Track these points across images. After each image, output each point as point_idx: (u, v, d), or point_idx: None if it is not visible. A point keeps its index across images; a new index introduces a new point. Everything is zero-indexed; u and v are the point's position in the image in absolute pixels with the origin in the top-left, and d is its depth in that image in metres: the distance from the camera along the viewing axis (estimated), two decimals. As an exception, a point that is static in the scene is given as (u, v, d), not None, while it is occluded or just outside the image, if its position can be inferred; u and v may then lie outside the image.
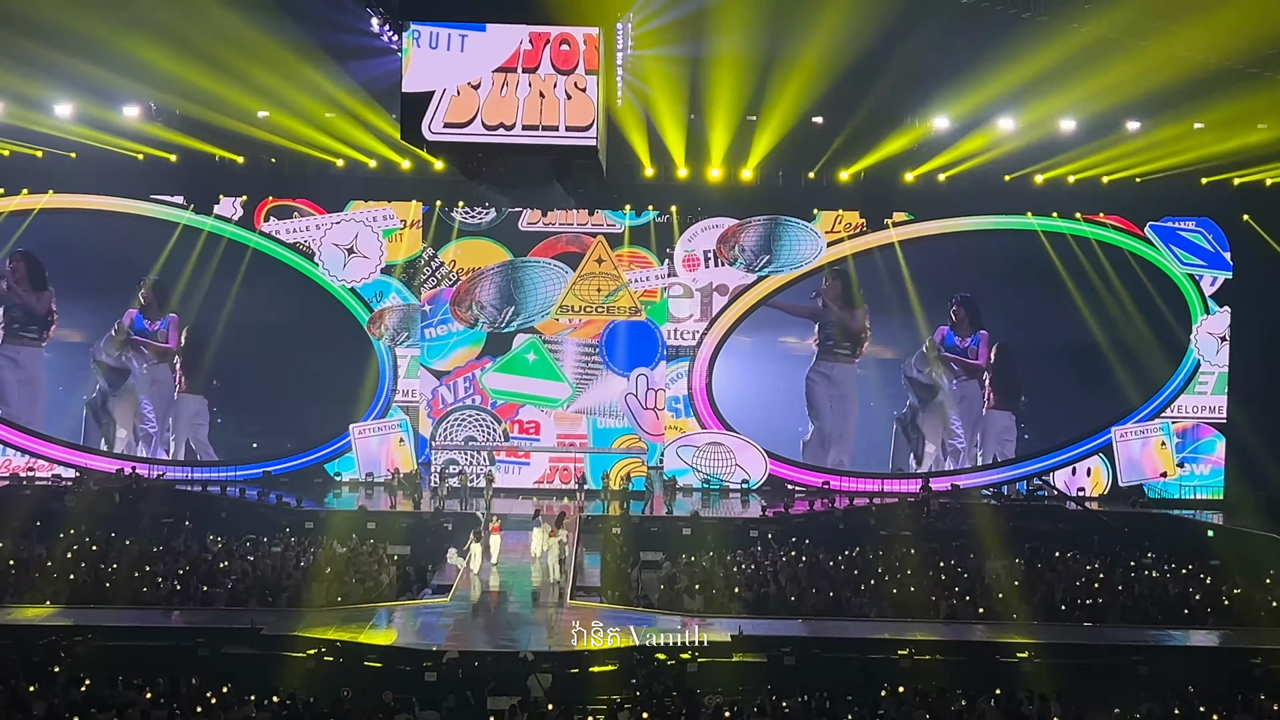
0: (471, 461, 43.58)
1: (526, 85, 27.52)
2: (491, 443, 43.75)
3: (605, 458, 43.88)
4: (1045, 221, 44.13)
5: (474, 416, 44.43)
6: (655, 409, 44.52)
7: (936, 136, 40.32)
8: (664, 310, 44.54)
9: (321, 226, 44.28)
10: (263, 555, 33.51)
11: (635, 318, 44.24)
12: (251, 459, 43.69)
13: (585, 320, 44.29)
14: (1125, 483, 44.34)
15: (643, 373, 44.51)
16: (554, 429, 44.38)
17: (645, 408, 44.52)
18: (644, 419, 44.50)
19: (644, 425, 44.47)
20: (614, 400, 44.44)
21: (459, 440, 44.19)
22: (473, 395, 44.35)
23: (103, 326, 44.25)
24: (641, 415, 44.47)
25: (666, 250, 44.45)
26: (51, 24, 31.93)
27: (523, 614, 29.11)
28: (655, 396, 44.53)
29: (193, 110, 39.46)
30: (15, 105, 38.56)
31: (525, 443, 44.16)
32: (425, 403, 44.42)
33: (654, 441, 44.48)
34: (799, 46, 34.24)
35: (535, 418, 44.38)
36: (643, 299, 44.40)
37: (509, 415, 44.34)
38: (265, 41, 33.65)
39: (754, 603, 29.99)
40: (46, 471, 43.00)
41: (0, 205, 43.58)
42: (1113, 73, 33.19)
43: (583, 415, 44.44)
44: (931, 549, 35.72)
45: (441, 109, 27.53)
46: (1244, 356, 44.29)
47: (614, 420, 44.45)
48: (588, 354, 44.37)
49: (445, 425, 44.28)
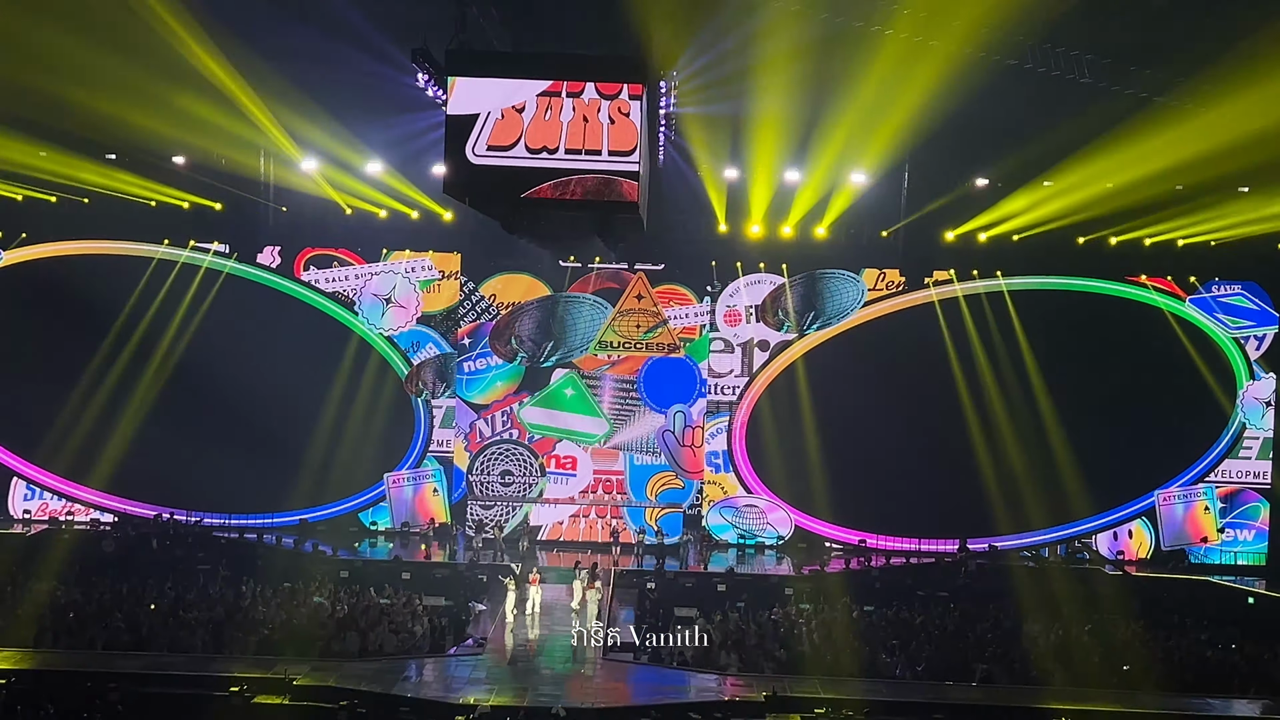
0: (506, 514, 43.63)
1: (571, 109, 27.57)
2: (527, 493, 43.66)
3: (644, 476, 44.26)
4: (1089, 282, 43.88)
5: (511, 450, 44.53)
6: (693, 446, 44.45)
7: (978, 195, 40.36)
8: (704, 347, 44.55)
9: (360, 276, 44.56)
10: (298, 604, 33.53)
11: (674, 354, 44.25)
12: (288, 506, 43.75)
13: (624, 356, 44.34)
14: (1168, 546, 43.87)
15: (680, 409, 44.49)
16: (590, 464, 44.42)
17: (683, 445, 44.48)
18: (681, 456, 44.46)
19: (681, 462, 44.44)
20: (650, 436, 44.48)
21: (496, 474, 44.29)
22: (510, 429, 44.44)
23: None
24: (678, 452, 44.44)
25: (707, 288, 44.49)
26: (100, 76, 32.43)
27: (557, 669, 28.99)
28: (692, 434, 44.50)
29: (237, 160, 40.02)
30: (64, 152, 39.13)
31: (560, 484, 44.29)
32: (463, 436, 44.50)
33: (691, 479, 44.42)
34: (841, 106, 34.38)
35: (572, 453, 44.45)
36: (681, 336, 44.46)
37: (545, 450, 44.39)
38: (310, 95, 34.16)
39: (788, 662, 29.77)
40: (84, 515, 43.16)
41: (43, 250, 43.99)
42: (1159, 138, 33.17)
43: (619, 451, 44.45)
44: (968, 610, 35.42)
45: (485, 132, 27.53)
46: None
47: (650, 457, 44.47)
48: (625, 390, 44.42)
49: (482, 459, 44.38)
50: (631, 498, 43.64)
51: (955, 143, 36.34)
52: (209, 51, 32.70)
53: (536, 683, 27.71)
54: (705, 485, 44.61)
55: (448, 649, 30.91)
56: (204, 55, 32.73)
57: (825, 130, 36.28)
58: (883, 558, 41.57)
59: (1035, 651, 31.21)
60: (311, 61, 32.80)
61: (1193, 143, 33.24)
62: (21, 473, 44.02)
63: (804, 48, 31.13)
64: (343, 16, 31.37)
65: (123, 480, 43.76)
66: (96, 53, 31.11)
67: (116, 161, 40.32)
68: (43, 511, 43.73)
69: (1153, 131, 33.12)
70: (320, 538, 41.48)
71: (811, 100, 34.42)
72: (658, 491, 44.28)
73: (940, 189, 40.56)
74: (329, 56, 32.60)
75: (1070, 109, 33.74)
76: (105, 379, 43.61)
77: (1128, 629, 34.00)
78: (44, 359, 43.35)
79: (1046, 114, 34.27)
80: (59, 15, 29.98)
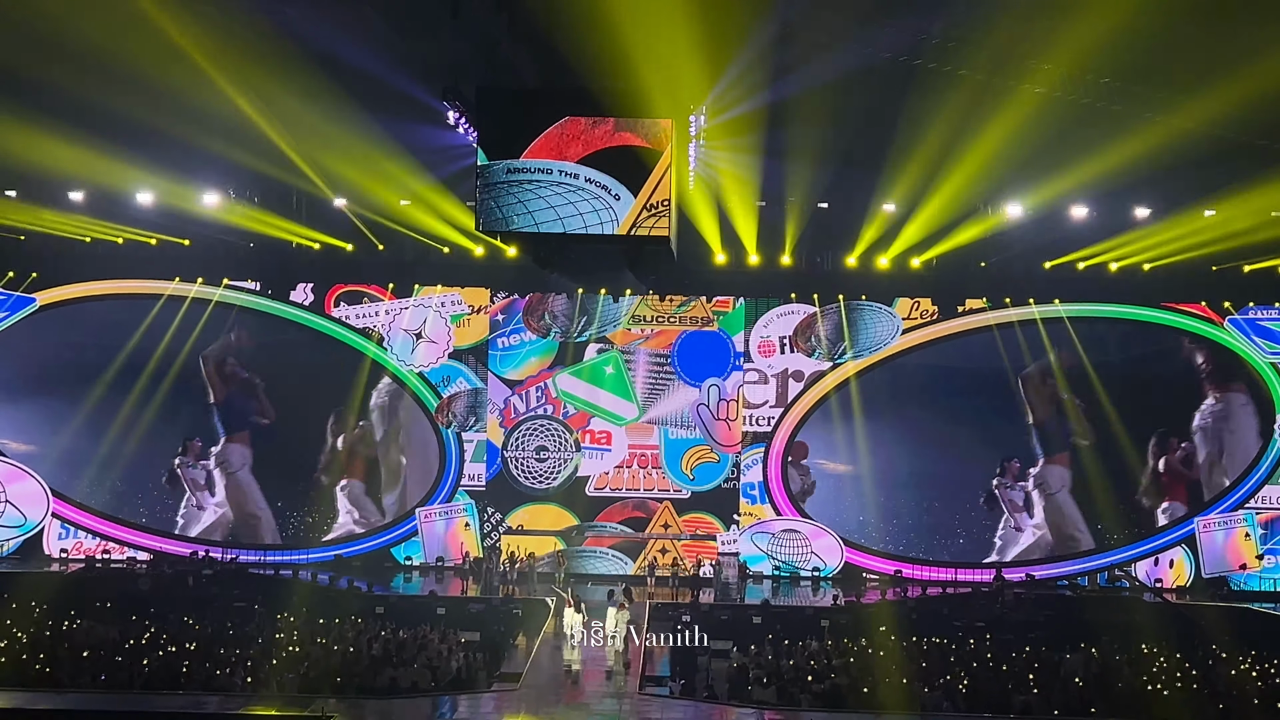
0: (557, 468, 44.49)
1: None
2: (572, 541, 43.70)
3: (678, 450, 44.47)
4: (1123, 308, 43.66)
5: (545, 426, 44.69)
6: (727, 420, 44.42)
7: (1010, 224, 40.32)
8: (739, 319, 44.65)
9: (390, 312, 44.72)
10: (333, 641, 33.51)
11: (708, 328, 44.35)
12: (321, 542, 43.87)
13: (657, 330, 44.46)
14: (1208, 574, 43.45)
15: (714, 383, 44.51)
16: (624, 439, 44.63)
17: (717, 418, 44.45)
18: (716, 429, 44.43)
19: (716, 436, 44.47)
20: (685, 410, 44.62)
21: (531, 449, 44.53)
22: (545, 405, 44.65)
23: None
24: (713, 426, 44.42)
25: (734, 516, 44.55)
26: (135, 121, 32.77)
27: (590, 704, 28.86)
28: (727, 407, 44.49)
29: (270, 199, 40.37)
30: (96, 194, 39.55)
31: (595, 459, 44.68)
32: (497, 412, 44.68)
33: (726, 453, 44.50)
34: (873, 136, 34.39)
35: (606, 428, 44.60)
36: (715, 309, 44.54)
37: (580, 425, 44.60)
38: (342, 133, 34.37)
39: (825, 694, 29.56)
40: (120, 554, 43.30)
41: (77, 290, 44.33)
42: (1191, 165, 33.10)
43: (654, 426, 44.57)
44: (1005, 640, 35.16)
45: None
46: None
47: (685, 431, 44.60)
48: (659, 364, 44.58)
49: (517, 435, 44.55)
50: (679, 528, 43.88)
51: (988, 171, 36.17)
52: (240, 91, 32.92)
53: (572, 718, 27.58)
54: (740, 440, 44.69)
55: (483, 685, 30.85)
56: (236, 95, 32.95)
57: (858, 160, 36.24)
58: (919, 588, 41.32)
59: (1074, 682, 30.94)
60: (342, 100, 32.93)
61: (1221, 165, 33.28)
62: (56, 512, 44.13)
63: (836, 79, 31.17)
64: (373, 56, 31.58)
65: (157, 517, 44.19)
66: (128, 96, 31.42)
67: (151, 203, 40.54)
68: (78, 550, 43.86)
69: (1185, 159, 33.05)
70: (354, 573, 41.47)
71: (843, 131, 34.42)
72: (693, 466, 44.44)
73: (972, 217, 40.38)
74: (360, 95, 32.77)
75: (1099, 136, 33.65)
76: (142, 417, 44.02)
77: (1168, 658, 33.66)
78: (79, 399, 43.65)
79: (1076, 142, 34.15)
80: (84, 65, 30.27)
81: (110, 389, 43.60)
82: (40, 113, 32.42)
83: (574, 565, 43.32)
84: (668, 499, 44.40)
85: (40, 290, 44.25)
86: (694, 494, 44.54)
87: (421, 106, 32.25)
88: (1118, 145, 32.92)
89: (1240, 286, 43.22)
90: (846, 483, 44.39)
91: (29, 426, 44.45)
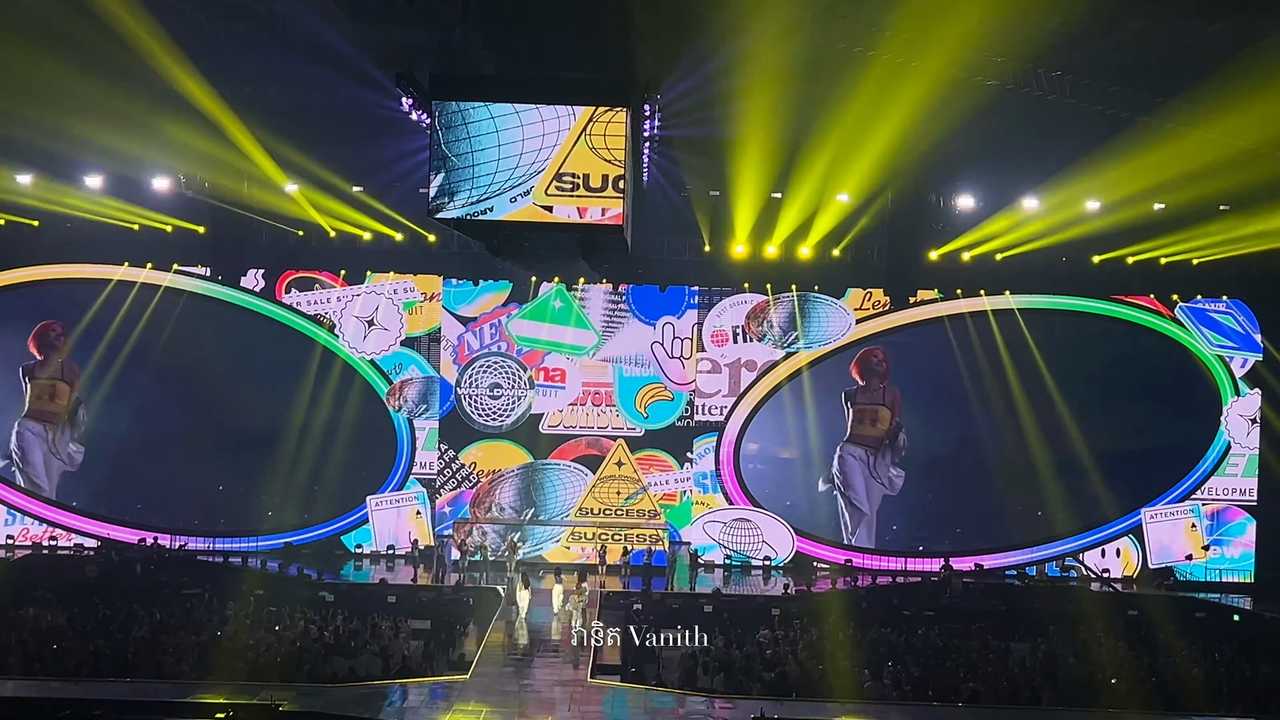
0: (510, 407, 44.52)
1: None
2: (518, 524, 43.50)
3: (632, 388, 44.64)
4: (1073, 300, 44.02)
5: (499, 363, 44.61)
6: (682, 358, 44.63)
7: (961, 215, 40.53)
8: (686, 512, 44.66)
9: (342, 299, 44.51)
10: (283, 629, 33.36)
11: (654, 521, 44.14)
12: (271, 529, 43.64)
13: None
14: (1155, 564, 43.87)
15: (670, 320, 44.69)
16: (579, 377, 44.71)
17: (671, 356, 44.68)
18: (669, 367, 44.68)
19: (670, 374, 44.66)
20: (641, 351, 44.74)
21: (485, 387, 44.51)
22: (499, 342, 44.64)
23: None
24: (667, 364, 44.68)
25: (686, 455, 44.74)
26: (83, 101, 32.42)
27: (541, 692, 28.85)
28: (682, 345, 44.68)
29: (221, 183, 40.00)
30: (46, 176, 39.10)
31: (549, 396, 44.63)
32: (451, 349, 44.61)
33: (680, 390, 44.66)
34: (825, 127, 34.48)
35: (561, 365, 44.71)
36: (662, 502, 44.58)
37: (534, 363, 44.64)
38: (294, 118, 34.20)
39: (775, 683, 29.68)
40: (67, 540, 42.95)
41: (22, 275, 43.94)
42: (1143, 157, 33.34)
43: (608, 364, 44.69)
44: (954, 630, 35.40)
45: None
46: (1275, 438, 43.97)
47: (640, 369, 44.71)
48: (614, 302, 44.66)
49: (471, 372, 44.51)
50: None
51: (939, 163, 36.38)
52: (192, 76, 32.67)
53: (523, 705, 27.60)
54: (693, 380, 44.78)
55: (434, 672, 30.82)
56: (187, 80, 32.70)
57: (810, 151, 36.32)
58: (869, 577, 41.55)
59: (1022, 670, 31.21)
60: (294, 85, 32.76)
61: (1175, 162, 33.51)
62: (2, 497, 43.76)
63: (789, 70, 31.25)
64: (326, 41, 31.41)
65: (106, 504, 43.88)
66: (77, 77, 31.10)
67: (100, 186, 40.10)
68: (24, 536, 43.50)
69: (1135, 151, 33.29)
70: (304, 561, 41.34)
71: (797, 122, 34.51)
72: (647, 404, 44.61)
73: (924, 209, 40.56)
74: (312, 80, 32.61)
75: (1053, 129, 33.91)
76: (89, 402, 43.81)
77: (1114, 647, 34.00)
78: (22, 384, 43.57)
79: (1029, 135, 34.40)
80: (40, 39, 29.94)
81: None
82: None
83: (532, 513, 43.79)
84: (621, 437, 44.54)
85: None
86: (648, 431, 44.68)
87: (375, 91, 32.10)
88: (1069, 137, 33.16)
89: (1189, 280, 43.60)
90: (798, 472, 44.59)
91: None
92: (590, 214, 29.13)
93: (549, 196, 29.14)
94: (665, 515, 44.31)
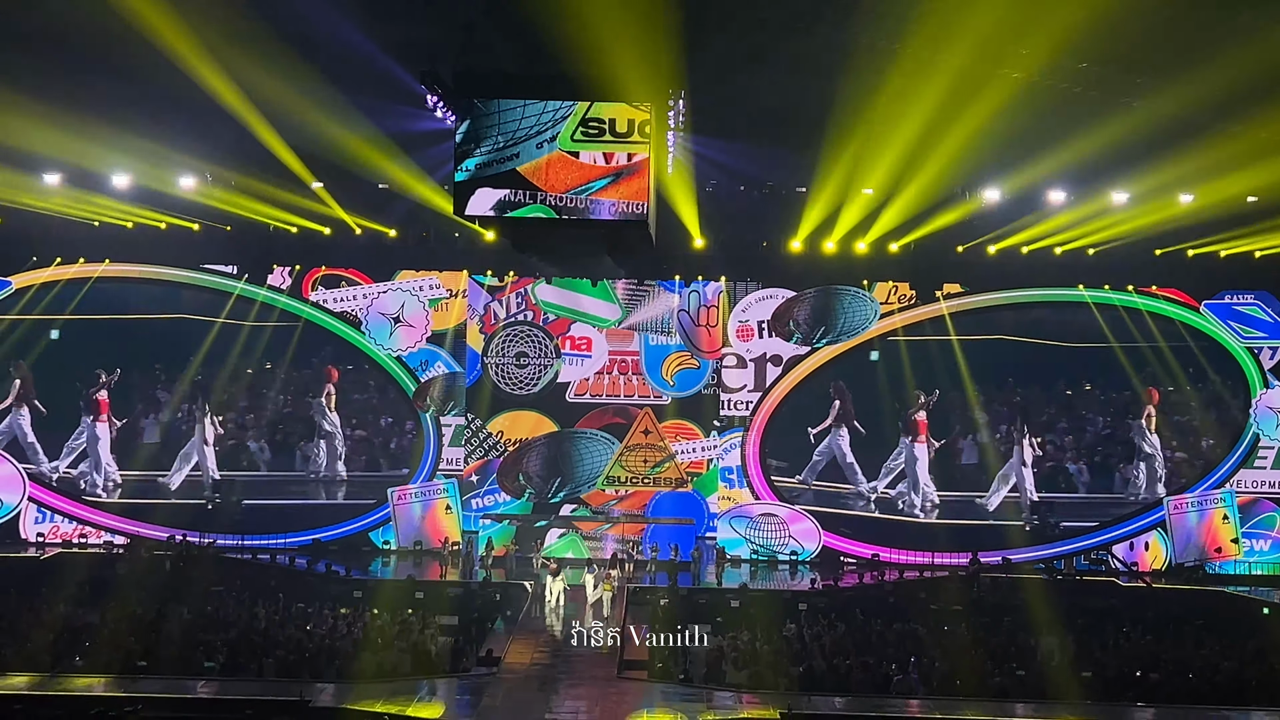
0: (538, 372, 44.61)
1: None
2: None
3: (658, 356, 44.70)
4: (1098, 294, 43.86)
5: (526, 332, 44.65)
6: (708, 326, 44.66)
7: (987, 209, 40.41)
8: (713, 481, 44.61)
9: (368, 296, 44.62)
10: (313, 626, 33.49)
11: (682, 489, 44.30)
12: (300, 526, 43.82)
13: (632, 491, 44.45)
14: (1184, 558, 43.46)
15: (696, 289, 44.81)
16: (605, 345, 44.67)
17: (698, 324, 44.75)
18: (696, 335, 44.70)
19: (697, 342, 44.70)
20: (666, 316, 44.77)
21: (511, 356, 44.52)
22: (525, 311, 44.72)
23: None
24: (694, 332, 44.69)
25: (714, 422, 44.69)
26: (112, 102, 32.58)
27: (569, 688, 28.92)
28: (708, 313, 44.72)
29: (248, 182, 40.17)
30: (74, 176, 39.33)
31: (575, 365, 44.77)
32: (477, 317, 44.65)
33: (706, 359, 44.63)
34: (852, 121, 34.39)
35: (587, 334, 44.69)
36: (689, 470, 44.58)
37: (560, 331, 44.66)
38: (320, 115, 34.24)
39: (802, 678, 29.66)
40: (97, 538, 43.16)
41: (58, 274, 44.10)
42: (1169, 150, 33.22)
43: (634, 332, 44.70)
44: (982, 624, 35.30)
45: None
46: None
47: (665, 337, 44.69)
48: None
49: (498, 340, 44.57)
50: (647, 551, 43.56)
51: (966, 156, 36.20)
52: (219, 74, 32.75)
53: (551, 701, 27.67)
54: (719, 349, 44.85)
55: (463, 668, 30.89)
56: (214, 78, 32.79)
57: (837, 145, 36.26)
58: (896, 572, 41.45)
59: (1050, 665, 31.12)
60: (320, 83, 32.79)
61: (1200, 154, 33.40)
62: (33, 496, 43.98)
63: (813, 63, 31.17)
64: (351, 39, 31.43)
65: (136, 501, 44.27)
66: (100, 75, 31.26)
67: (127, 186, 40.33)
68: (55, 534, 43.71)
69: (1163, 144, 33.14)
70: (333, 558, 41.49)
71: (823, 115, 34.41)
72: (673, 373, 44.59)
73: (950, 202, 40.45)
74: (338, 78, 32.64)
75: (1078, 122, 33.74)
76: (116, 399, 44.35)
77: (1143, 640, 33.89)
78: (55, 382, 43.91)
79: (1054, 127, 34.23)
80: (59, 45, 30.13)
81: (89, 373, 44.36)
82: (14, 92, 32.20)
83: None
84: (648, 405, 44.53)
85: (15, 274, 44.05)
86: (674, 399, 44.67)
87: (400, 90, 32.13)
88: (1095, 130, 32.99)
89: (1217, 272, 43.38)
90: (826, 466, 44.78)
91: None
92: (617, 159, 29.20)
93: (575, 142, 29.29)
94: (693, 483, 44.31)
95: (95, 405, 44.36)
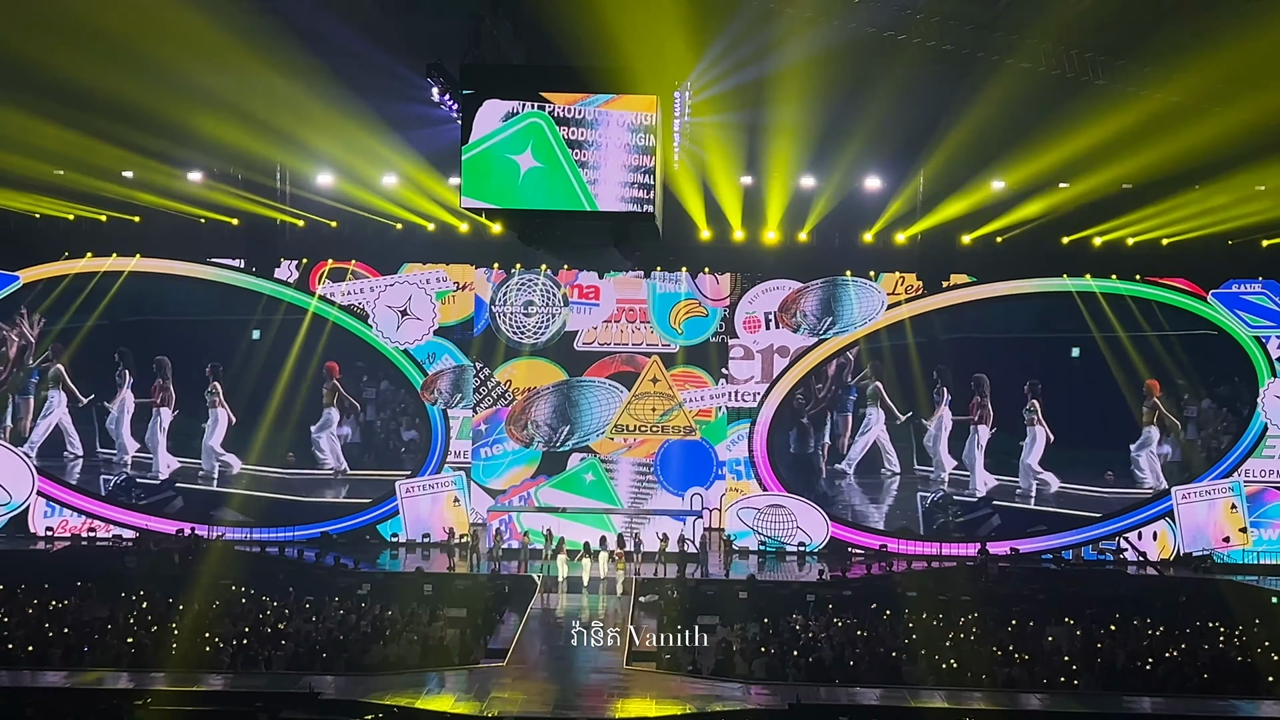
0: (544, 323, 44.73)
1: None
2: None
3: (666, 304, 44.70)
4: (1105, 283, 43.83)
5: (532, 281, 44.71)
6: (716, 273, 44.68)
7: (995, 199, 40.39)
8: (721, 429, 44.62)
9: (375, 289, 44.65)
10: (322, 618, 33.57)
11: (690, 437, 44.33)
12: (308, 519, 43.88)
13: (640, 439, 44.49)
14: (1192, 546, 43.43)
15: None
16: (613, 293, 44.76)
17: (705, 271, 44.78)
18: (704, 283, 44.71)
19: (704, 289, 44.75)
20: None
21: (519, 304, 44.58)
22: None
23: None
24: (701, 279, 44.67)
25: (722, 370, 44.66)
26: (121, 99, 32.59)
27: (577, 678, 28.97)
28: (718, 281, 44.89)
29: (254, 176, 40.25)
30: (85, 170, 39.38)
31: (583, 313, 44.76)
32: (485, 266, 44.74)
33: (715, 306, 44.66)
34: (857, 113, 34.36)
35: (594, 282, 44.82)
36: (697, 418, 44.56)
37: (568, 280, 44.75)
38: (327, 110, 34.24)
39: (810, 669, 29.69)
40: (106, 532, 43.24)
41: (65, 268, 44.23)
42: (1175, 138, 33.08)
43: (642, 280, 44.72)
44: (990, 614, 35.31)
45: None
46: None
47: (673, 285, 44.70)
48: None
49: (504, 289, 44.71)
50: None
51: (970, 146, 36.16)
52: (224, 69, 32.76)
53: (560, 692, 27.71)
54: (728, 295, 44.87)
55: (471, 659, 30.93)
56: (219, 72, 32.81)
57: (841, 136, 36.23)
58: (904, 562, 41.46)
59: (1059, 654, 31.13)
60: (327, 76, 32.80)
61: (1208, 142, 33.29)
62: (42, 490, 44.11)
63: (819, 55, 31.12)
64: (358, 34, 31.43)
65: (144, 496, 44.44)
66: (108, 70, 31.26)
67: (133, 180, 40.42)
68: (64, 528, 43.81)
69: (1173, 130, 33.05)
70: (341, 550, 41.54)
71: (827, 106, 34.40)
72: (681, 320, 44.63)
73: (956, 192, 40.41)
74: (344, 71, 32.66)
75: (1084, 109, 33.66)
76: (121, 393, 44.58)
77: (1152, 630, 33.90)
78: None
79: (1062, 115, 34.15)
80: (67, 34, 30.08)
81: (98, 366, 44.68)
82: (20, 90, 32.28)
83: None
84: (656, 353, 44.54)
85: (24, 269, 44.15)
86: (682, 348, 44.70)
87: (406, 83, 32.10)
88: (1102, 120, 32.94)
89: (1221, 261, 43.34)
90: (833, 458, 44.79)
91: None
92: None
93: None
94: (701, 431, 44.38)
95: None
